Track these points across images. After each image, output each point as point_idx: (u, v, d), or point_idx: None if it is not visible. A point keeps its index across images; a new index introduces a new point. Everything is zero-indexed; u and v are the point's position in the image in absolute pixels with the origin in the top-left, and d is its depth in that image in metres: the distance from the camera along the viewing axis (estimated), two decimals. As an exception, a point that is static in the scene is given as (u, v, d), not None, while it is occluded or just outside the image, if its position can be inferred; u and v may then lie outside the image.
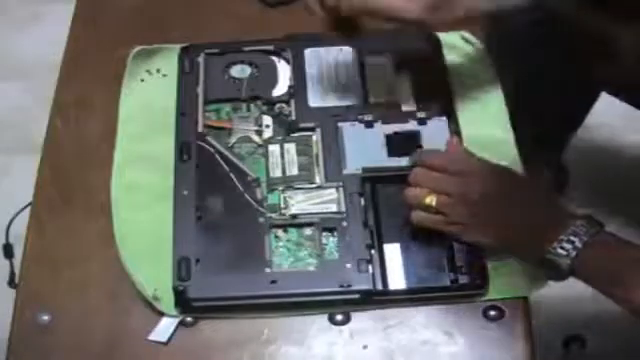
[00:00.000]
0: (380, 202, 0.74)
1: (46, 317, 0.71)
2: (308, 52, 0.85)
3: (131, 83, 0.85)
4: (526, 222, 0.68)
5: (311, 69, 0.84)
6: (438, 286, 0.70)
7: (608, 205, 1.37)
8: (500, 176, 0.71)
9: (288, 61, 0.85)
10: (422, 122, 0.79)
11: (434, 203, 0.69)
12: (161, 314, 0.71)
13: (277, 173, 0.77)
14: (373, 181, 0.75)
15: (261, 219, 0.74)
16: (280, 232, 0.73)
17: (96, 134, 0.83)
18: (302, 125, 0.80)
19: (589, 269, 0.65)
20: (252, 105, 0.82)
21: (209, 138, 0.79)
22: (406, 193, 0.71)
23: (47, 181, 0.80)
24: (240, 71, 0.84)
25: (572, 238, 0.65)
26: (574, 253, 0.64)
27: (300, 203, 0.74)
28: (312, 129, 0.79)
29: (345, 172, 0.76)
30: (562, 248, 0.65)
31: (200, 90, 0.82)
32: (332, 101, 0.81)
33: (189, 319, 0.71)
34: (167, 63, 0.86)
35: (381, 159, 0.77)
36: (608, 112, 1.30)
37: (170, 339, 0.70)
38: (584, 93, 1.12)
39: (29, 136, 1.13)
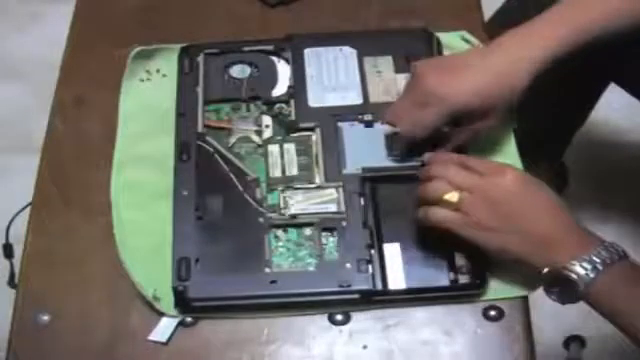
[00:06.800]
0: (380, 202, 0.74)
1: (46, 317, 0.71)
2: (308, 52, 0.85)
3: (131, 83, 0.85)
4: (548, 233, 0.65)
5: (311, 69, 0.83)
6: (438, 286, 0.70)
7: (608, 203, 1.37)
8: (526, 181, 0.67)
9: (288, 61, 0.85)
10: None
11: (455, 199, 0.66)
12: (161, 314, 0.71)
13: (277, 173, 0.77)
14: (373, 181, 0.75)
15: (261, 219, 0.74)
16: (280, 232, 0.73)
17: (96, 134, 0.83)
18: (302, 125, 0.80)
19: (604, 294, 0.63)
20: (252, 105, 0.82)
21: (209, 138, 0.79)
22: (423, 186, 0.69)
23: (47, 181, 0.80)
24: (240, 71, 0.84)
25: (594, 259, 0.63)
26: (593, 274, 0.62)
27: (300, 203, 0.74)
28: (312, 129, 0.79)
29: (345, 172, 0.76)
30: (581, 267, 0.62)
31: (200, 90, 0.82)
32: (332, 101, 0.81)
33: (189, 319, 0.71)
34: (167, 63, 0.86)
35: (381, 159, 0.77)
36: (608, 109, 1.30)
37: (170, 339, 0.70)
38: (587, 89, 1.12)
39: (29, 136, 1.13)
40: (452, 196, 0.67)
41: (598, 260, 0.63)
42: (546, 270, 0.65)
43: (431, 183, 0.69)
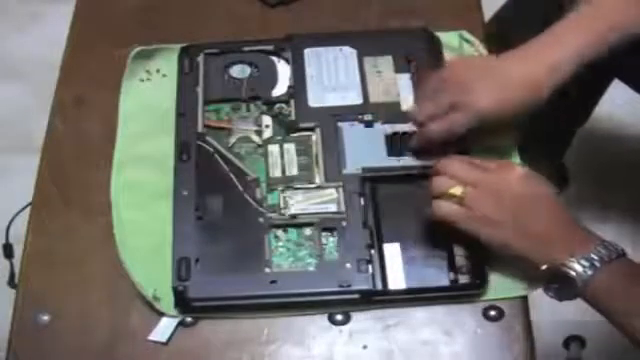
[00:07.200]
0: (380, 202, 0.74)
1: (46, 317, 0.71)
2: (308, 52, 0.85)
3: (131, 83, 0.85)
4: (548, 230, 0.66)
5: (311, 69, 0.83)
6: (438, 286, 0.70)
7: (611, 201, 1.37)
8: (530, 178, 0.68)
9: (288, 61, 0.84)
10: (422, 122, 0.79)
11: (459, 193, 0.67)
12: (161, 314, 0.71)
13: (277, 173, 0.77)
14: (373, 181, 0.75)
15: (261, 219, 0.74)
16: (280, 232, 0.73)
17: (96, 134, 0.83)
18: (302, 125, 0.80)
19: (602, 292, 0.63)
20: (252, 105, 0.82)
21: (209, 138, 0.79)
22: (432, 181, 0.69)
23: (47, 181, 0.80)
24: (240, 71, 0.84)
25: (592, 256, 0.63)
26: (590, 272, 0.63)
27: (300, 203, 0.74)
28: (312, 129, 0.79)
29: (345, 172, 0.76)
30: (580, 264, 0.63)
31: (200, 90, 0.82)
32: (332, 101, 0.81)
33: (189, 319, 0.71)
34: (167, 63, 0.86)
35: (381, 159, 0.77)
36: (612, 105, 1.30)
37: (170, 339, 0.70)
38: (590, 87, 1.11)
39: (29, 136, 1.13)
40: (456, 190, 0.67)
41: (596, 258, 0.63)
42: (545, 267, 0.65)
43: (437, 178, 0.69)
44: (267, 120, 0.81)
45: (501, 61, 0.74)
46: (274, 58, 0.85)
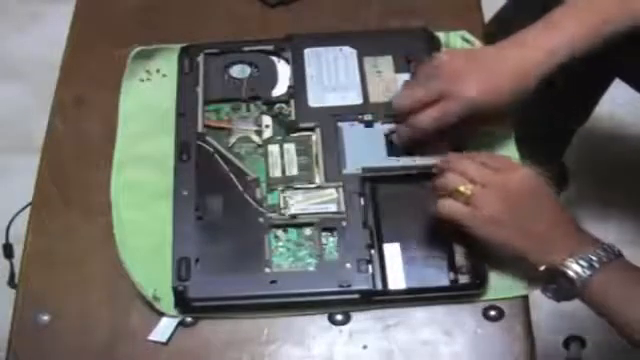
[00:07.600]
0: (380, 202, 0.74)
1: (46, 317, 0.71)
2: (308, 52, 0.85)
3: (131, 83, 0.85)
4: (549, 231, 0.67)
5: (311, 69, 0.83)
6: (438, 286, 0.70)
7: (611, 199, 1.37)
8: (537, 179, 0.68)
9: (288, 61, 0.84)
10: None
11: (468, 191, 0.67)
12: (161, 314, 0.71)
13: (277, 173, 0.77)
14: (373, 181, 0.75)
15: (261, 219, 0.74)
16: (280, 232, 0.73)
17: (96, 134, 0.83)
18: (302, 125, 0.80)
19: (599, 293, 0.64)
20: (252, 105, 0.82)
21: (209, 138, 0.79)
22: (438, 179, 0.69)
23: (47, 181, 0.80)
24: (240, 71, 0.84)
25: (591, 257, 0.64)
26: (589, 272, 0.63)
27: (300, 203, 0.74)
28: (312, 129, 0.79)
29: (345, 172, 0.76)
30: (578, 264, 0.64)
31: (200, 90, 0.82)
32: (332, 101, 0.81)
33: (189, 319, 0.71)
34: (167, 63, 0.86)
35: (381, 159, 0.77)
36: (613, 104, 1.30)
37: (170, 339, 0.70)
38: (591, 86, 1.11)
39: (29, 136, 1.13)
40: (466, 188, 0.67)
41: (595, 259, 0.64)
42: (543, 267, 0.65)
43: (445, 175, 0.69)
44: (267, 120, 0.81)
45: (498, 49, 0.75)
46: (274, 58, 0.85)
